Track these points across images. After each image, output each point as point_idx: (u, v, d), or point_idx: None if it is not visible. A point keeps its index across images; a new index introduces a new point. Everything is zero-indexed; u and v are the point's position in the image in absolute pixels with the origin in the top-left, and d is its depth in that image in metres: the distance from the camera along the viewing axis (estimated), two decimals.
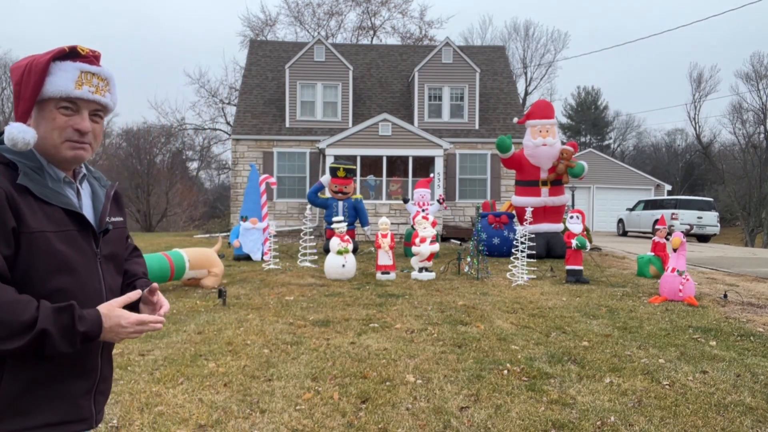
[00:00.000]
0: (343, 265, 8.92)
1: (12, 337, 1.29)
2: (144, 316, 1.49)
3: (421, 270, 9.14)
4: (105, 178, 1.71)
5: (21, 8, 71.91)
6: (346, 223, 10.00)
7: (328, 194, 13.06)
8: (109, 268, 1.57)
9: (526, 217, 9.35)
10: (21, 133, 1.41)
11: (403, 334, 5.38)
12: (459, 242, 16.41)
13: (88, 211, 1.54)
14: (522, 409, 3.54)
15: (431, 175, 16.79)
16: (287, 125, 19.63)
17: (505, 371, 4.25)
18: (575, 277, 8.80)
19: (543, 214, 12.36)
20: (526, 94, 40.96)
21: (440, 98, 20.24)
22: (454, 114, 20.24)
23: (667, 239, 8.20)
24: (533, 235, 10.78)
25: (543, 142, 12.23)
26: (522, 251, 9.04)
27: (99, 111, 1.53)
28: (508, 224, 12.62)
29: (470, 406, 3.59)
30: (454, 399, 3.70)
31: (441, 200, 12.30)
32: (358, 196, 13.15)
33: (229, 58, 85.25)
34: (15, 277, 1.36)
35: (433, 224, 9.53)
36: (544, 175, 12.46)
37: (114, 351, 4.59)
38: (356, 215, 12.53)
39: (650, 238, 15.84)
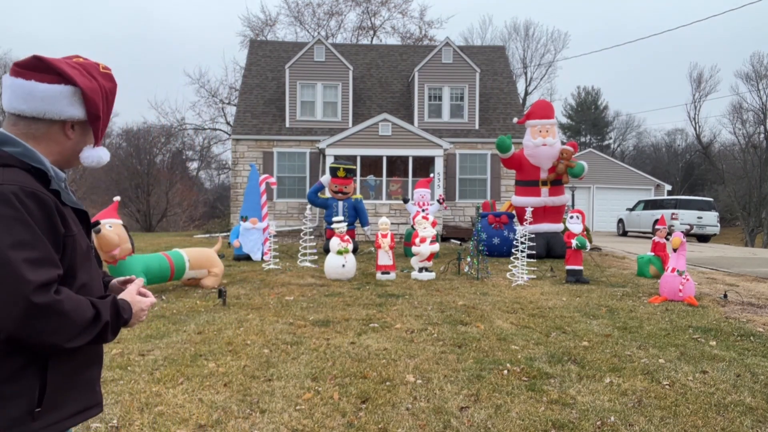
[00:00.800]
0: (343, 265, 8.92)
1: (83, 334, 1.40)
2: (151, 299, 1.65)
3: (421, 270, 9.14)
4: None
5: (21, 8, 71.93)
6: (346, 223, 9.99)
7: (328, 194, 13.05)
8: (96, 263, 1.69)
9: (526, 217, 9.35)
10: (106, 156, 1.62)
11: (403, 334, 5.38)
12: (459, 242, 16.41)
13: None
14: (522, 409, 3.54)
15: (431, 175, 16.80)
16: (287, 125, 19.63)
17: (505, 371, 4.25)
18: (575, 277, 8.80)
19: (543, 214, 12.36)
20: (526, 94, 40.97)
21: (440, 98, 20.24)
22: (454, 114, 20.24)
23: (667, 239, 8.20)
24: (533, 235, 10.78)
25: (543, 142, 12.23)
26: (522, 251, 9.04)
27: None
28: (508, 224, 12.62)
29: (470, 406, 3.59)
30: (454, 399, 3.70)
31: (441, 200, 12.30)
32: (358, 196, 13.15)
33: (229, 58, 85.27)
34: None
35: (433, 224, 9.53)
36: (544, 175, 12.46)
37: (114, 351, 4.60)
38: (356, 215, 12.52)
39: (650, 238, 15.85)
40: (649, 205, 22.03)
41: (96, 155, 1.58)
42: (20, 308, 1.28)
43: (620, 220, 23.48)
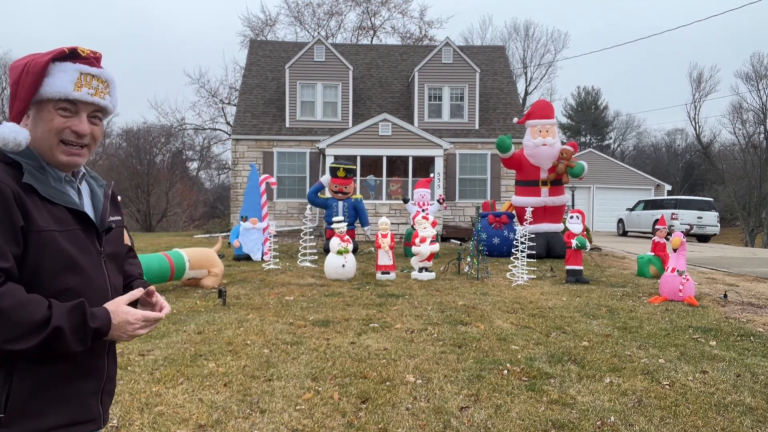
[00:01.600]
0: (343, 265, 8.92)
1: (26, 336, 1.28)
2: (148, 312, 1.51)
3: (421, 270, 9.14)
4: (101, 178, 1.70)
5: (21, 8, 71.92)
6: (346, 223, 9.99)
7: (328, 194, 13.06)
8: (112, 266, 1.57)
9: (526, 217, 9.35)
10: (13, 134, 1.39)
11: (403, 334, 5.38)
12: (459, 242, 16.41)
13: (89, 210, 1.54)
14: (522, 409, 3.54)
15: (431, 175, 16.79)
16: (287, 125, 19.63)
17: (505, 371, 4.25)
18: (575, 277, 8.80)
19: (543, 214, 12.36)
20: (526, 94, 40.97)
21: (440, 98, 20.24)
22: (454, 114, 20.24)
23: (667, 239, 8.20)
24: (533, 235, 10.78)
25: (543, 142, 12.23)
26: (522, 251, 9.04)
27: (98, 113, 1.52)
28: (508, 224, 12.62)
29: (470, 406, 3.59)
30: (454, 399, 3.70)
31: (441, 200, 12.30)
32: (358, 196, 13.15)
33: (229, 58, 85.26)
34: (24, 276, 1.35)
35: (433, 224, 9.53)
36: (544, 175, 12.46)
37: None
38: (356, 215, 12.52)
39: (650, 238, 15.85)
40: (649, 205, 22.03)
41: None
42: None
43: (620, 220, 23.48)
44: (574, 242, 8.72)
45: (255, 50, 23.31)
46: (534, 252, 10.72)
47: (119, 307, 1.44)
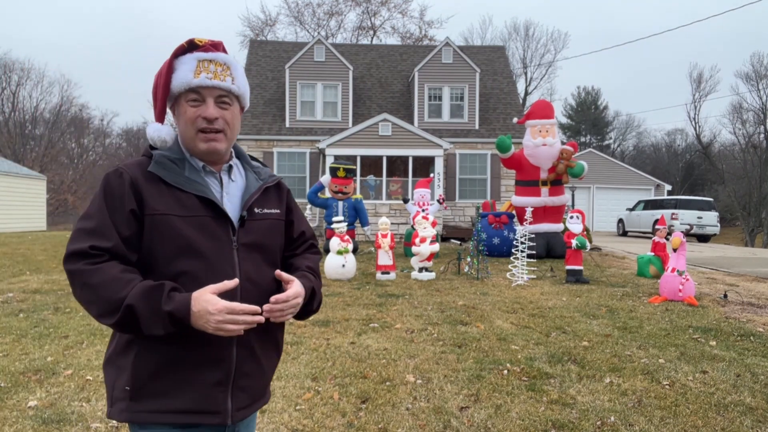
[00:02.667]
0: (343, 265, 8.91)
1: (108, 313, 1.35)
2: (234, 304, 1.37)
3: (421, 270, 9.14)
4: (270, 173, 1.71)
5: (21, 8, 71.88)
6: (346, 223, 9.99)
7: (328, 194, 13.05)
8: (251, 257, 1.52)
9: (526, 217, 9.35)
10: (156, 132, 1.54)
11: (403, 334, 5.38)
12: (459, 242, 16.41)
13: (232, 200, 1.55)
14: (522, 409, 3.54)
15: (431, 175, 16.79)
16: (287, 125, 19.64)
17: (505, 371, 4.25)
18: (575, 277, 8.80)
19: (543, 214, 12.36)
20: (526, 94, 40.98)
21: (440, 98, 20.24)
22: (454, 114, 20.24)
23: (667, 239, 8.20)
24: (533, 235, 10.78)
25: (543, 142, 12.23)
26: (522, 251, 9.04)
27: (224, 97, 1.53)
28: (508, 224, 12.62)
29: (470, 406, 3.59)
30: (454, 399, 3.70)
31: (441, 200, 12.29)
32: (358, 196, 13.15)
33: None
34: (141, 258, 1.44)
35: (433, 224, 9.53)
36: (544, 175, 12.46)
37: None
38: (356, 215, 12.52)
39: (650, 238, 15.85)
40: (649, 205, 22.04)
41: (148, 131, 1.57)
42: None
43: (620, 220, 23.48)
44: (574, 242, 8.72)
45: (255, 50, 23.30)
46: (534, 252, 10.72)
47: (202, 295, 1.36)
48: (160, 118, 1.54)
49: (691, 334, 5.52)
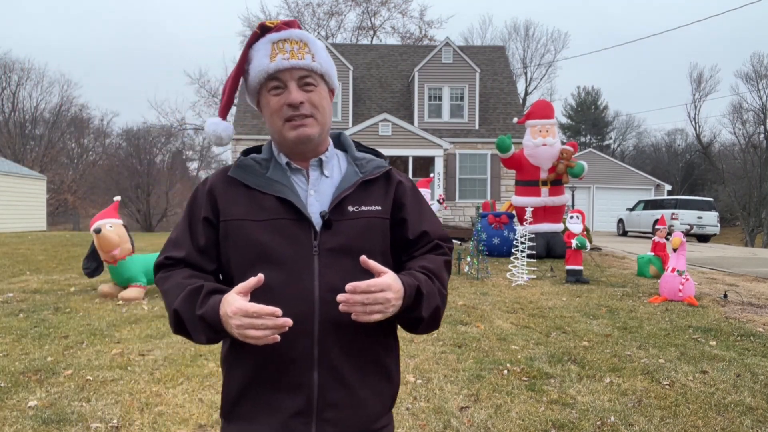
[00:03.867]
0: None
1: (170, 319, 1.29)
2: (246, 305, 1.14)
3: None
4: (380, 164, 1.43)
5: (21, 8, 71.90)
6: None
7: None
8: (337, 264, 1.28)
9: (526, 217, 9.35)
10: (212, 127, 1.41)
11: (403, 333, 5.37)
12: (459, 242, 16.41)
13: (321, 199, 1.34)
14: (522, 409, 3.54)
15: (431, 175, 16.79)
16: None
17: (505, 371, 4.25)
18: (575, 277, 8.79)
19: (543, 214, 12.36)
20: (526, 94, 40.98)
21: (440, 98, 20.24)
22: (454, 114, 20.24)
23: (667, 239, 8.20)
24: (533, 235, 10.78)
25: (543, 142, 12.23)
26: (522, 251, 9.03)
27: (307, 77, 1.33)
28: (508, 224, 12.62)
29: (470, 406, 3.59)
30: (454, 399, 3.70)
31: (441, 200, 12.30)
32: None
33: (229, 58, 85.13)
34: (221, 267, 1.36)
35: None
36: (544, 175, 12.45)
37: (114, 351, 4.60)
38: None
39: (650, 238, 15.85)
40: (649, 205, 22.04)
41: (206, 127, 1.43)
42: None
43: (620, 220, 23.48)
44: (574, 242, 8.71)
45: None
46: (534, 252, 10.72)
47: (228, 296, 1.19)
48: (222, 112, 1.42)
49: (691, 334, 5.52)
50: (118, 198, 7.36)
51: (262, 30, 1.35)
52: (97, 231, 6.51)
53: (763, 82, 36.61)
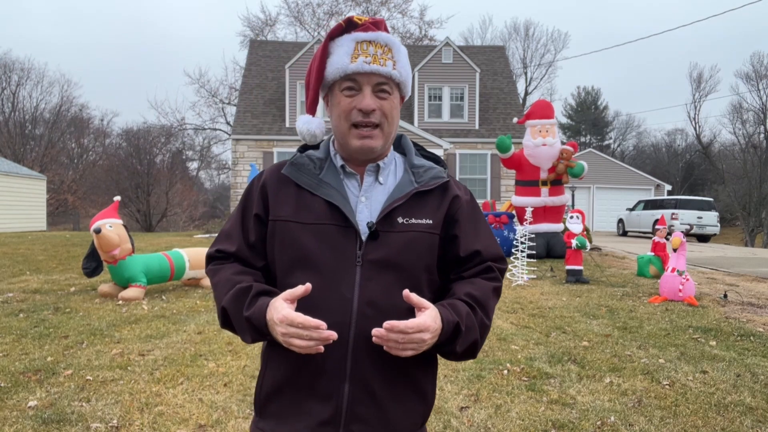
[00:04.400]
0: None
1: (218, 314, 1.30)
2: (293, 315, 1.13)
3: None
4: (438, 173, 1.36)
5: (21, 9, 71.91)
6: None
7: None
8: (380, 277, 1.24)
9: (526, 217, 9.34)
10: (305, 125, 1.38)
11: None
12: None
13: (372, 207, 1.29)
14: (522, 409, 3.54)
15: None
16: (287, 125, 19.63)
17: (505, 371, 4.25)
18: (575, 277, 8.79)
19: (543, 214, 12.36)
20: (526, 94, 40.99)
21: (440, 98, 20.24)
22: (454, 114, 20.24)
23: (667, 239, 8.20)
24: (533, 235, 10.78)
25: (543, 142, 12.23)
26: (522, 251, 9.03)
27: (383, 84, 1.28)
28: (508, 224, 12.62)
29: (470, 406, 3.59)
30: (454, 399, 3.70)
31: None
32: None
33: (229, 58, 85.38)
34: (268, 266, 1.34)
35: None
36: (544, 175, 12.45)
37: (114, 351, 4.60)
38: None
39: (650, 238, 15.85)
40: (649, 205, 22.04)
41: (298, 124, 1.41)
42: None
43: (620, 220, 23.48)
44: (574, 242, 8.71)
45: (255, 50, 23.31)
46: (534, 252, 10.72)
47: (275, 302, 1.18)
48: (311, 109, 1.38)
49: (691, 334, 5.52)
50: (118, 198, 7.36)
51: (348, 25, 1.31)
52: (97, 231, 6.50)
53: (763, 82, 36.66)
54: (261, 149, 19.41)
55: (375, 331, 1.14)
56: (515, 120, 13.49)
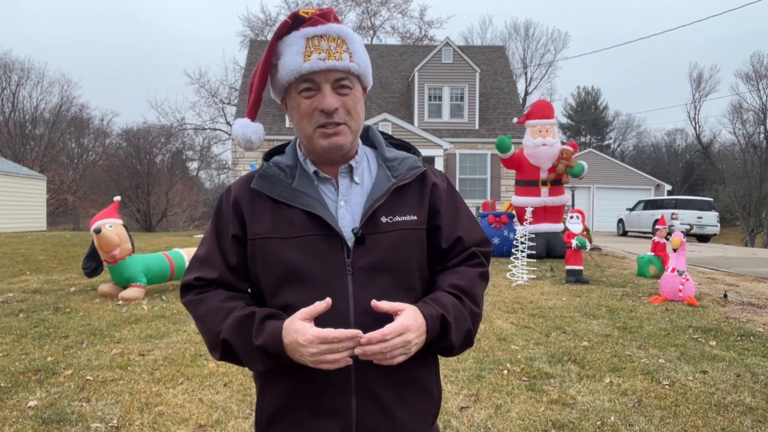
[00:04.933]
0: None
1: (213, 347, 1.22)
2: (326, 332, 1.08)
3: None
4: (414, 163, 1.32)
5: (21, 9, 71.91)
6: None
7: None
8: (373, 283, 1.20)
9: (526, 217, 9.34)
10: (240, 130, 1.29)
11: None
12: None
13: (353, 210, 1.25)
14: (522, 409, 3.54)
15: None
16: (287, 125, 19.63)
17: (505, 371, 4.25)
18: (575, 277, 8.79)
19: (543, 214, 12.36)
20: (526, 94, 40.99)
21: (440, 98, 20.24)
22: (454, 114, 20.24)
23: (667, 239, 8.20)
24: (533, 235, 10.78)
25: (543, 142, 12.23)
26: (522, 251, 9.03)
27: (343, 80, 1.21)
28: (508, 224, 12.62)
29: (470, 406, 3.59)
30: (454, 399, 3.70)
31: None
32: None
33: (229, 58, 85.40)
34: (253, 289, 1.28)
35: None
36: (544, 175, 12.45)
37: (114, 351, 4.60)
38: None
39: (650, 238, 15.85)
40: (649, 205, 22.04)
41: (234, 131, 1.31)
42: None
43: (620, 220, 23.48)
44: (574, 242, 8.71)
45: (255, 50, 23.31)
46: (534, 252, 10.72)
47: (292, 324, 1.12)
48: (249, 112, 1.29)
49: (691, 334, 5.52)
50: (118, 198, 7.36)
51: (295, 21, 1.22)
52: (97, 231, 6.50)
53: (763, 82, 36.66)
54: (261, 149, 19.40)
55: (356, 350, 1.10)
56: (515, 120, 13.49)
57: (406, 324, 1.11)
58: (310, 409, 1.20)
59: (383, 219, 1.22)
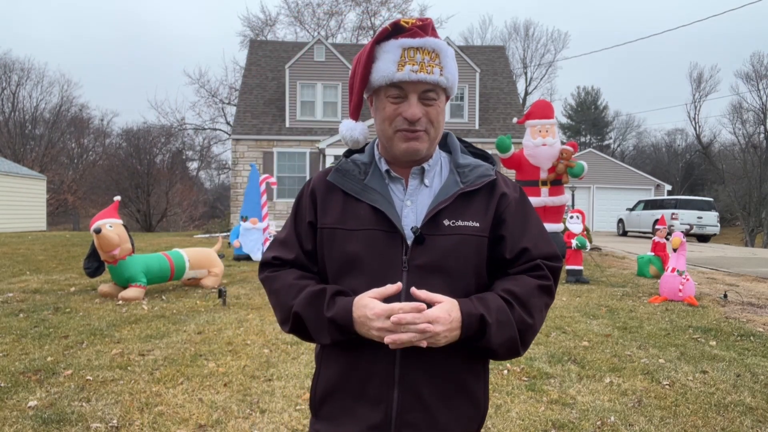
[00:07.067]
0: None
1: (284, 320, 1.32)
2: (393, 305, 1.15)
3: None
4: (485, 171, 1.34)
5: (21, 9, 71.92)
6: None
7: None
8: (427, 283, 1.22)
9: None
10: (348, 131, 1.38)
11: None
12: None
13: (418, 210, 1.29)
14: (522, 409, 3.54)
15: None
16: (287, 125, 19.64)
17: (505, 371, 4.25)
18: (575, 277, 8.79)
19: (543, 214, 12.32)
20: (526, 94, 40.99)
21: None
22: (454, 114, 20.24)
23: (667, 239, 8.20)
24: None
25: (543, 142, 12.21)
26: None
27: (429, 91, 1.27)
28: None
29: None
30: None
31: None
32: None
33: (229, 58, 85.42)
34: (321, 274, 1.35)
35: None
36: (543, 175, 12.43)
37: (114, 351, 4.60)
38: None
39: (650, 238, 15.85)
40: (649, 205, 22.03)
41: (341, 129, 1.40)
42: None
43: (620, 220, 23.48)
44: (574, 242, 8.71)
45: (255, 50, 23.31)
46: None
47: (362, 299, 1.19)
48: (354, 113, 1.36)
49: (691, 334, 5.52)
50: (118, 198, 7.36)
51: (395, 29, 1.28)
52: (97, 231, 6.50)
53: (763, 82, 36.66)
54: (261, 149, 19.42)
55: (393, 317, 1.14)
56: (515, 120, 13.48)
57: (436, 315, 1.16)
58: (356, 394, 1.27)
59: (446, 222, 1.26)
